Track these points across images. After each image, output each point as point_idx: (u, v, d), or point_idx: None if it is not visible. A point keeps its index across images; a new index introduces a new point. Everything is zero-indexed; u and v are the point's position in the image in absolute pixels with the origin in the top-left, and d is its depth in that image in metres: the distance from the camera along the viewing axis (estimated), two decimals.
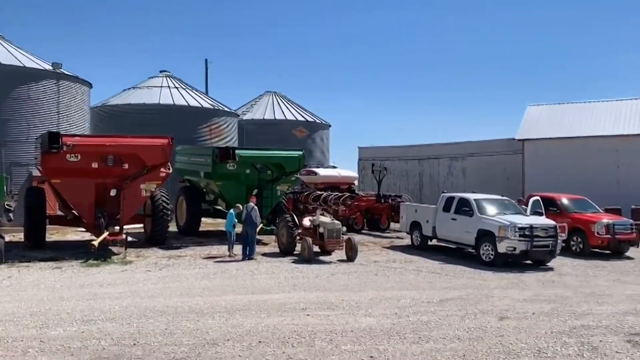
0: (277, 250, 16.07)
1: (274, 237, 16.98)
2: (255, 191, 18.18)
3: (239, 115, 34.40)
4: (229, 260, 14.56)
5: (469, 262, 14.76)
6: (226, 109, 31.72)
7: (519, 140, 27.67)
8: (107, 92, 65.18)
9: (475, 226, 14.96)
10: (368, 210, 23.44)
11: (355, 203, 22.70)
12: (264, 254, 15.62)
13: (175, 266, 13.56)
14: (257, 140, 32.83)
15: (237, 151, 17.83)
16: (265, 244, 17.85)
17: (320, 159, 37.20)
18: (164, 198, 17.18)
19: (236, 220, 15.17)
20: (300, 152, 19.11)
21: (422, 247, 17.31)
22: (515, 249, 13.97)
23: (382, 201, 22.89)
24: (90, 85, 24.23)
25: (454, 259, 15.39)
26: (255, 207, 15.11)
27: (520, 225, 14.10)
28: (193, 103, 29.99)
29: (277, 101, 38.56)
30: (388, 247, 17.96)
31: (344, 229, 15.33)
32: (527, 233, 14.00)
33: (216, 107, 30.96)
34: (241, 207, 15.17)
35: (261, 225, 17.02)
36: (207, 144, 28.49)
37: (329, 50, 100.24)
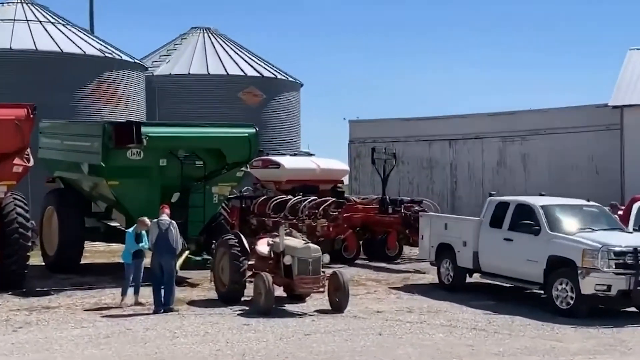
0: (214, 295, 16.03)
1: (208, 273, 16.90)
2: (175, 196, 18.17)
3: (147, 69, 34.23)
4: (132, 313, 14.47)
5: (533, 311, 14.86)
6: (126, 57, 31.50)
7: (614, 107, 28.08)
8: None
9: (544, 251, 15.10)
10: (366, 227, 23.54)
11: (346, 214, 22.77)
12: (192, 303, 15.57)
13: (41, 325, 13.42)
14: (179, 111, 32.71)
15: (144, 129, 17.79)
16: (193, 285, 17.80)
17: (286, 142, 37.20)
18: (20, 209, 17.04)
19: (143, 245, 15.09)
20: (252, 130, 19.17)
21: (457, 286, 17.45)
22: (609, 287, 14.14)
23: (390, 210, 23.02)
24: None
25: (508, 306, 15.48)
26: (174, 223, 15.05)
27: (618, 249, 14.28)
28: (70, 47, 29.75)
29: (212, 44, 38.48)
30: (400, 288, 18.03)
31: (327, 257, 15.28)
32: (629, 262, 14.18)
33: (109, 55, 30.73)
34: (148, 222, 15.07)
35: (186, 253, 16.94)
36: (93, 117, 28.29)
37: None
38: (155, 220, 14.88)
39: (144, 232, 15.17)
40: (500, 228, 16.34)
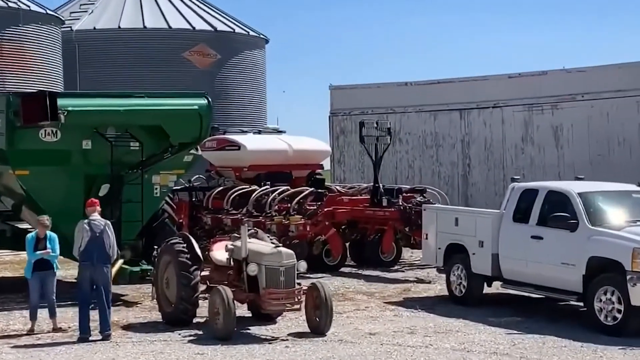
0: (157, 316, 16.05)
1: (149, 287, 16.87)
2: (103, 189, 18.21)
3: (64, 22, 34.00)
4: (50, 342, 14.39)
5: (570, 329, 14.97)
6: (35, 7, 31.25)
7: None
8: None
9: (584, 251, 15.19)
10: (354, 225, 23.64)
11: (327, 209, 22.82)
12: (129, 327, 15.56)
13: None
14: (107, 77, 32.55)
15: (61, 101, 17.66)
16: (130, 304, 17.79)
17: (249, 116, 37.17)
18: None
19: (52, 254, 15.00)
20: (203, 102, 19.19)
21: (471, 299, 17.56)
22: None
23: (384, 203, 23.09)
24: None
25: (538, 324, 15.59)
26: (109, 224, 15.02)
27: None
28: None
29: None
30: (398, 303, 18.11)
31: (304, 265, 15.30)
32: None
33: (13, 3, 30.42)
34: (48, 222, 15.06)
35: (119, 263, 16.91)
36: None
37: None
38: (86, 220, 14.79)
39: (53, 235, 15.10)
40: (527, 223, 16.42)
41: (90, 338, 14.41)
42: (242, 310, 15.59)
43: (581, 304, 15.62)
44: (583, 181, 18.26)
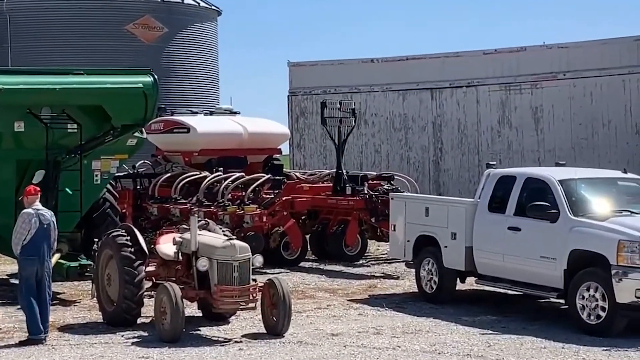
0: (97, 316, 16.04)
1: (89, 284, 16.78)
2: (38, 175, 18.10)
3: None
4: None
5: (550, 328, 15.10)
6: None
7: None
8: None
9: (565, 244, 15.29)
10: (315, 215, 23.71)
11: (286, 198, 22.83)
12: (66, 328, 15.52)
13: None
14: (41, 52, 32.28)
15: None
16: (67, 303, 17.72)
17: (199, 95, 37.02)
18: None
19: None
20: (148, 79, 19.17)
21: (443, 296, 17.65)
22: None
23: (348, 191, 23.13)
24: None
25: (515, 323, 15.70)
26: (53, 214, 14.95)
27: None
28: None
29: None
30: (363, 300, 18.16)
31: (260, 259, 15.31)
32: None
33: None
34: None
35: (56, 257, 16.82)
36: None
37: None
38: (32, 211, 14.63)
39: None
40: (504, 213, 16.50)
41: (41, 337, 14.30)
42: (192, 310, 15.59)
43: (562, 301, 15.73)
44: (565, 167, 18.38)
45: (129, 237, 15.53)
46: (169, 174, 25.15)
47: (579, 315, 14.86)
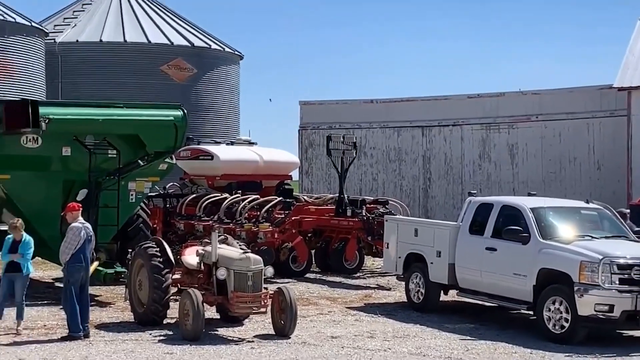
0: (129, 316, 15.99)
1: (122, 289, 16.76)
2: (81, 194, 18.10)
3: (47, 34, 33.79)
4: (26, 340, 14.27)
5: (520, 336, 15.05)
6: (21, 19, 31.03)
7: (620, 89, 28.48)
8: None
9: (534, 263, 15.26)
10: (320, 233, 23.68)
11: (295, 218, 22.81)
12: (102, 326, 15.49)
13: None
14: (88, 87, 32.37)
15: (43, 109, 17.61)
16: (103, 305, 17.68)
17: (222, 127, 37.06)
18: None
19: (25, 256, 14.82)
20: (179, 113, 19.16)
21: (429, 306, 17.58)
22: (612, 308, 14.28)
23: (349, 213, 23.11)
24: None
25: (491, 330, 15.67)
26: (89, 225, 14.87)
27: (622, 261, 14.44)
28: None
29: (131, 4, 38.16)
30: (359, 308, 18.11)
31: (271, 270, 15.29)
32: (636, 277, 14.34)
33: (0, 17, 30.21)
34: (20, 226, 14.91)
35: (95, 264, 16.81)
36: None
37: None
38: (79, 224, 14.57)
39: (28, 239, 14.94)
40: (482, 235, 16.47)
41: (80, 334, 14.24)
42: (211, 312, 15.55)
43: (531, 312, 15.68)
44: (535, 197, 18.37)
45: (158, 249, 15.53)
46: (194, 195, 25.12)
47: (545, 325, 14.83)
